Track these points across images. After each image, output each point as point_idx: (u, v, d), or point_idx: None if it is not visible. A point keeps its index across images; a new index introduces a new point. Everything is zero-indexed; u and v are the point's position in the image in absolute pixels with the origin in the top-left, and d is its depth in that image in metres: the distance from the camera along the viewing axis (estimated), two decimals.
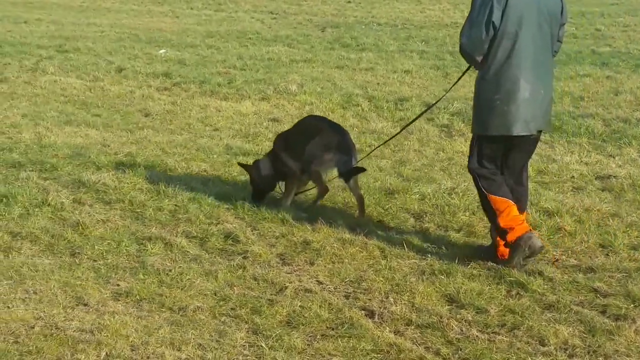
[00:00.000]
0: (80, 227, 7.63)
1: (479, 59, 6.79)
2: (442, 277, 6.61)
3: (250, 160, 8.91)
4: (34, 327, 5.77)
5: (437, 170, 9.60)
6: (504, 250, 6.88)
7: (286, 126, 11.46)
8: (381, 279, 6.61)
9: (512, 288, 6.44)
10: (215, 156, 10.10)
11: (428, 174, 9.39)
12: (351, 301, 6.26)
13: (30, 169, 9.42)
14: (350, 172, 8.01)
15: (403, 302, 6.22)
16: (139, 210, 8.17)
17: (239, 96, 13.89)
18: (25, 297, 6.24)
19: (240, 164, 8.81)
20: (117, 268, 6.80)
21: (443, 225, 7.83)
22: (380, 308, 6.12)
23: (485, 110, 6.84)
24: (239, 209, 8.16)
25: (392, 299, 6.26)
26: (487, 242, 7.33)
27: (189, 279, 6.58)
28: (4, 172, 9.36)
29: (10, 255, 7.02)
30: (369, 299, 6.29)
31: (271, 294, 6.36)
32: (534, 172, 9.43)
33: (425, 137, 11.18)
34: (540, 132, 7.05)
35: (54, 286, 6.41)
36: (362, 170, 8.16)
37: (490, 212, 6.89)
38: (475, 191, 7.33)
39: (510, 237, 6.73)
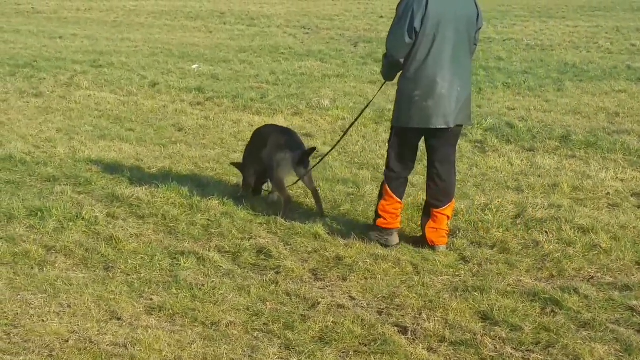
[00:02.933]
0: (114, 241, 7.67)
1: (402, 60, 7.42)
2: (476, 294, 6.57)
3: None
4: (68, 341, 5.79)
5: (470, 186, 9.56)
6: (431, 236, 7.63)
7: (319, 141, 11.51)
8: (414, 295, 6.59)
9: (546, 305, 6.38)
10: None
11: (461, 190, 9.34)
12: (384, 317, 6.24)
13: (65, 183, 9.49)
14: (301, 159, 8.54)
15: (436, 318, 6.18)
16: (172, 224, 8.20)
17: (272, 111, 13.92)
18: (60, 311, 6.27)
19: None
20: (150, 282, 6.82)
21: (476, 242, 7.78)
22: (414, 324, 6.09)
23: (406, 105, 7.48)
24: (272, 223, 8.18)
25: (425, 316, 6.23)
26: (519, 259, 7.32)
27: (221, 293, 6.59)
28: (39, 186, 9.44)
29: (44, 269, 7.05)
30: (402, 315, 6.26)
31: (304, 310, 6.35)
32: (568, 188, 9.37)
33: (459, 153, 11.11)
34: (460, 126, 7.67)
35: (87, 300, 6.44)
36: (313, 150, 8.81)
37: (379, 195, 7.83)
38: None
39: (379, 222, 7.71)
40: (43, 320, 6.10)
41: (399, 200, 7.73)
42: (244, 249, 7.54)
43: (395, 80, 7.74)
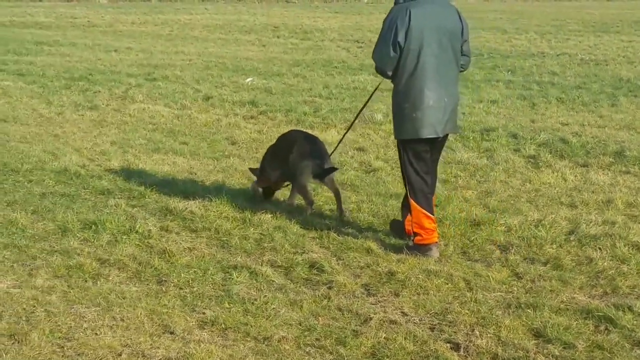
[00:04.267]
0: (167, 255, 7.71)
1: (390, 73, 7.78)
2: (529, 311, 6.50)
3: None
4: (121, 355, 5.82)
5: (523, 202, 9.50)
6: (410, 228, 7.92)
7: (372, 155, 11.52)
8: (467, 311, 6.54)
9: (600, 323, 6.30)
10: None
11: (514, 205, 9.30)
12: (436, 333, 6.20)
13: (119, 196, 9.58)
14: (324, 173, 8.87)
15: (489, 335, 6.13)
16: (224, 238, 8.23)
17: (325, 125, 13.95)
18: (113, 324, 6.30)
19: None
20: (202, 296, 6.84)
21: (529, 258, 7.72)
22: (466, 341, 6.04)
23: (398, 117, 7.84)
24: (324, 238, 8.19)
25: (477, 332, 6.18)
26: (573, 276, 7.26)
27: (274, 308, 6.59)
28: (93, 199, 9.54)
29: (98, 282, 7.11)
30: (455, 332, 6.22)
31: (356, 325, 6.33)
32: (622, 204, 9.28)
33: (512, 168, 11.08)
34: (446, 136, 8.03)
35: (140, 314, 6.47)
36: (335, 169, 9.11)
37: (410, 212, 7.91)
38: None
39: (418, 240, 7.81)
40: (96, 334, 6.14)
41: (430, 215, 7.85)
42: (297, 264, 7.54)
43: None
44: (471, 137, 12.94)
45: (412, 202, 7.85)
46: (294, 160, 8.93)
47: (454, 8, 7.94)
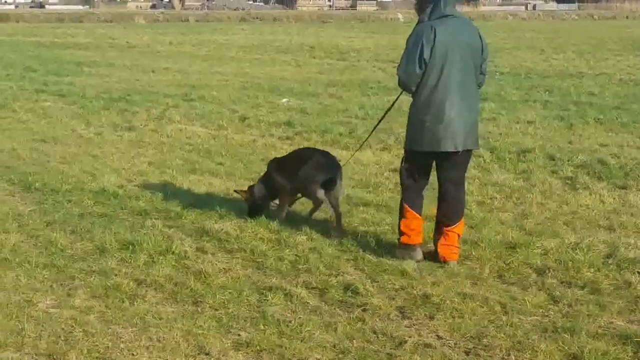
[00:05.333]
0: (203, 276, 7.74)
1: (414, 88, 7.99)
2: (566, 336, 6.45)
3: (370, 211, 9.03)
4: None
5: (560, 224, 9.44)
6: (443, 252, 8.13)
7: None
8: (502, 335, 6.51)
9: (639, 349, 6.25)
10: None
11: (551, 228, 9.25)
12: (471, 357, 6.18)
13: (156, 217, 9.64)
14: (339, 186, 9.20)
15: None
16: (260, 259, 8.26)
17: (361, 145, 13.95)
18: (149, 345, 6.34)
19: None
20: (238, 318, 6.86)
21: (566, 282, 7.67)
22: None
23: (418, 129, 8.03)
24: (359, 260, 8.20)
25: (513, 357, 6.15)
26: (611, 300, 7.21)
27: (308, 330, 6.59)
28: (131, 219, 9.60)
29: (135, 303, 7.15)
30: (490, 356, 6.19)
31: (390, 348, 6.32)
32: None
33: (549, 190, 11.02)
34: (469, 150, 8.20)
35: (176, 334, 6.50)
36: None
37: (400, 214, 8.29)
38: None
39: (403, 239, 8.19)
40: (133, 354, 6.18)
41: (418, 216, 8.19)
42: (331, 286, 7.54)
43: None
44: (507, 159, 12.90)
45: (404, 205, 8.23)
46: (307, 172, 9.18)
47: (474, 26, 8.23)
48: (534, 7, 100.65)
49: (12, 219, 9.56)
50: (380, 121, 9.78)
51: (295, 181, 9.34)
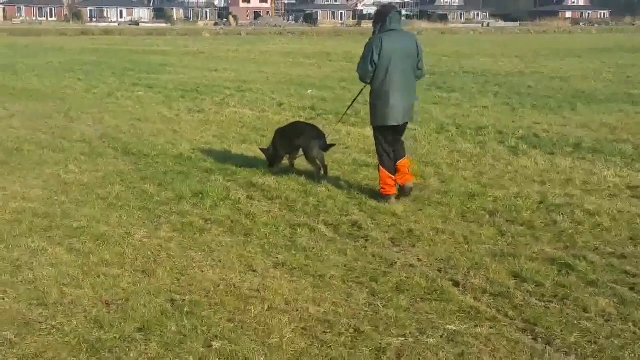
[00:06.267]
0: (251, 216, 7.72)
1: (368, 81, 8.22)
2: (510, 259, 6.40)
3: (370, 170, 8.94)
4: (219, 286, 5.85)
5: (506, 180, 9.34)
6: (401, 181, 8.32)
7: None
8: (464, 259, 6.47)
9: (562, 269, 6.20)
10: (345, 167, 10.10)
11: (499, 182, 9.16)
12: (442, 274, 6.13)
13: (218, 173, 9.60)
14: (326, 148, 9.26)
15: (480, 276, 6.05)
16: (291, 204, 8.21)
17: (363, 123, 13.79)
18: (214, 264, 6.34)
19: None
20: (276, 245, 6.84)
21: (511, 220, 7.59)
22: (464, 280, 5.97)
23: (372, 111, 8.23)
24: (363, 204, 8.14)
25: (472, 274, 6.10)
26: (542, 234, 7.14)
27: (326, 254, 6.58)
28: (200, 175, 9.57)
29: (203, 235, 7.14)
30: (456, 273, 6.15)
31: (385, 267, 6.29)
32: (579, 182, 9.11)
33: (498, 155, 10.90)
34: (406, 123, 8.35)
35: (233, 257, 6.50)
36: (333, 145, 9.62)
37: (379, 173, 8.35)
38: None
39: (383, 191, 8.27)
40: (202, 271, 6.18)
41: (390, 174, 8.25)
42: (343, 223, 7.51)
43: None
44: (468, 133, 12.78)
45: (380, 167, 8.30)
46: (305, 140, 9.19)
47: (413, 36, 8.39)
48: (488, 24, 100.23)
49: (116, 175, 9.56)
50: (351, 105, 9.96)
51: (292, 145, 9.41)
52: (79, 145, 11.69)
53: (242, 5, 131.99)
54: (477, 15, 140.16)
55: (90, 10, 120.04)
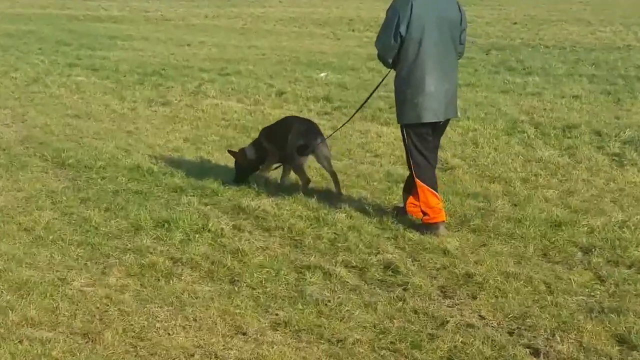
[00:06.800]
0: (240, 254, 7.76)
1: (390, 61, 8.30)
2: (613, 316, 6.41)
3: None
4: (193, 355, 5.87)
5: (607, 202, 9.37)
6: (412, 209, 8.51)
7: (448, 153, 11.45)
8: (547, 315, 6.48)
9: None
10: (375, 183, 10.15)
11: (597, 206, 9.18)
12: (515, 338, 6.15)
13: (191, 194, 9.66)
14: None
15: (570, 341, 6.07)
16: (297, 238, 8.27)
17: None
18: (186, 324, 6.37)
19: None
20: (275, 297, 6.87)
21: (613, 261, 7.61)
22: (546, 346, 5.99)
23: (401, 103, 8.35)
24: (400, 238, 8.18)
25: (558, 337, 6.12)
26: None
27: (347, 310, 6.60)
28: (166, 196, 9.64)
29: (171, 281, 7.18)
30: (534, 337, 6.16)
31: (432, 328, 6.31)
32: None
33: (595, 166, 10.93)
34: (448, 120, 8.59)
35: (213, 314, 6.53)
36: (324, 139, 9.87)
37: (414, 190, 8.43)
38: None
39: (426, 219, 8.31)
40: (169, 334, 6.22)
41: (434, 192, 8.35)
42: (371, 264, 7.54)
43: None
44: (552, 134, 12.81)
45: (418, 181, 8.34)
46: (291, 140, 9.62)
47: None
48: None
49: (46, 196, 9.64)
50: (372, 94, 10.06)
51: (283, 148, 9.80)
52: None
53: None
54: None
55: None
